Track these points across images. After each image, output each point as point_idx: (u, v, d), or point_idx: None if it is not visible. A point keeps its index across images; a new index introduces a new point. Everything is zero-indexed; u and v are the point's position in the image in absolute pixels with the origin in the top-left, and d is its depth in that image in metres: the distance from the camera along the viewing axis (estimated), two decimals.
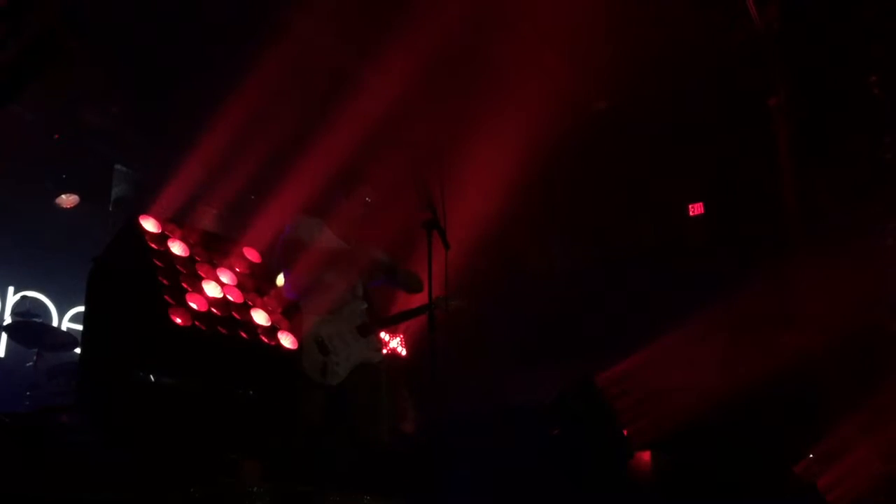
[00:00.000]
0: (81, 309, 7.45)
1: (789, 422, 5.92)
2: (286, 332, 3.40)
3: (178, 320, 3.05)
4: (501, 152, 6.43)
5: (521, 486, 5.39)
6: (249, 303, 3.38)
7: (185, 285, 3.19)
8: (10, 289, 7.08)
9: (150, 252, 3.19)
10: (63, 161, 7.21)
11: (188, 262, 3.30)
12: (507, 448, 5.62)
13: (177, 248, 3.31)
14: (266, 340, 3.31)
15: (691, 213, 7.16)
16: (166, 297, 3.09)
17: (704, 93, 6.96)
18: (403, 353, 7.37)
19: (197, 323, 3.10)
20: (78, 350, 6.84)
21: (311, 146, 5.61)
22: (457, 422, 5.42)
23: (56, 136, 6.86)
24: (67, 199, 7.16)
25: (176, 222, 3.42)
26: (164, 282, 3.13)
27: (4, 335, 6.83)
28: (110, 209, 7.54)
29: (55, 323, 7.26)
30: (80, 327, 7.31)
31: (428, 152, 5.92)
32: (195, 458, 3.00)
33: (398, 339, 7.38)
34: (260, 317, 3.37)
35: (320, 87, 5.79)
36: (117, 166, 7.54)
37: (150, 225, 3.30)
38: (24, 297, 7.07)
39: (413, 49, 5.68)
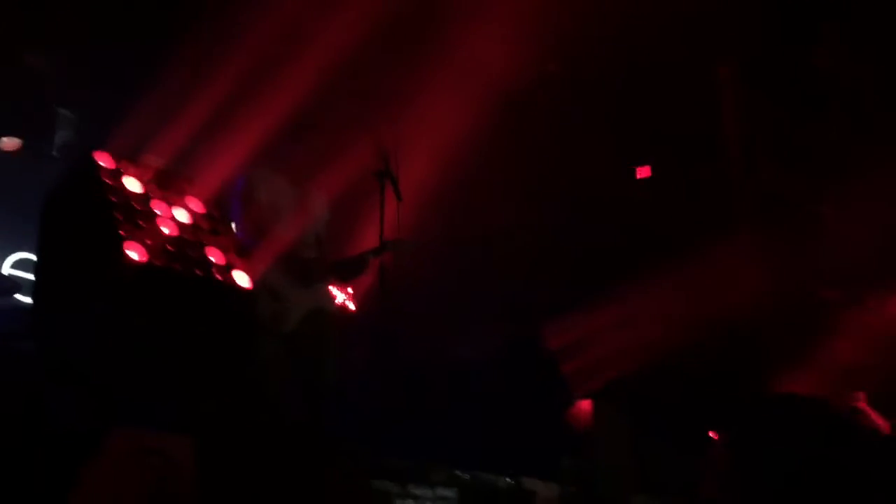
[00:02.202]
0: (23, 255, 7.31)
1: (728, 377, 6.14)
2: (241, 271, 3.42)
3: (134, 255, 3.05)
4: (454, 108, 6.46)
5: (465, 438, 5.52)
6: (204, 241, 3.39)
7: (140, 222, 3.18)
8: None
9: (104, 187, 3.17)
10: (3, 104, 7.02)
11: (143, 198, 3.30)
12: (452, 400, 5.74)
13: (132, 184, 3.29)
14: (220, 278, 3.34)
15: (638, 176, 7.31)
16: (121, 231, 3.08)
17: (656, 59, 7.06)
18: (352, 307, 7.40)
19: (152, 259, 3.11)
20: (19, 296, 6.73)
21: (263, 93, 5.58)
22: (405, 376, 5.51)
23: None
24: (9, 143, 6.98)
25: (130, 159, 3.40)
26: (119, 217, 3.12)
27: None
28: (54, 153, 7.37)
29: None
30: (22, 273, 7.18)
31: (381, 103, 5.93)
32: (147, 394, 3.03)
33: (347, 292, 7.39)
34: (215, 255, 3.38)
35: (272, 34, 5.74)
36: (61, 110, 7.36)
37: (104, 160, 3.28)
38: None
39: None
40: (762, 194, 7.21)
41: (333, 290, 7.08)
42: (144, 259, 3.08)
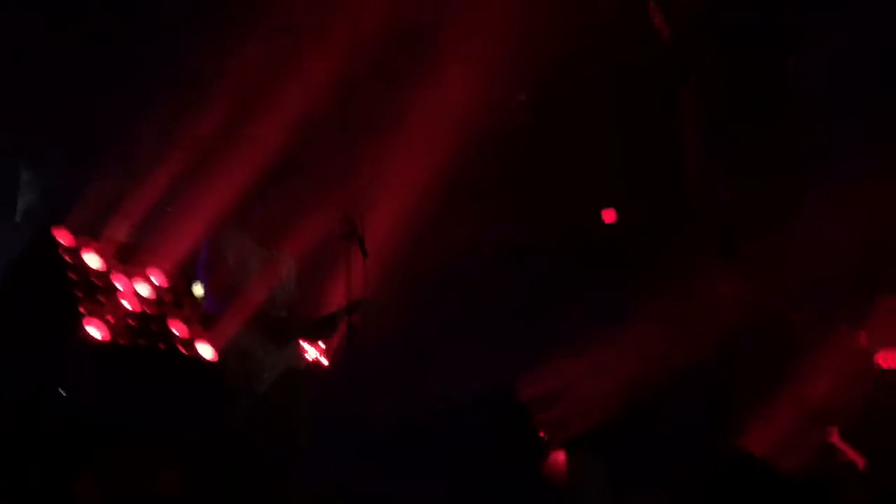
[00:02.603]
0: None
1: (705, 412, 6.14)
2: (205, 343, 3.41)
3: (96, 334, 3.04)
4: (423, 144, 6.49)
5: (440, 493, 5.49)
6: (167, 314, 3.38)
7: (101, 298, 3.17)
8: None
9: (63, 265, 3.16)
10: None
11: (104, 274, 3.28)
12: (425, 456, 5.71)
13: (92, 260, 3.28)
14: (184, 352, 3.32)
15: (605, 218, 7.34)
16: (81, 309, 3.07)
17: (615, 84, 7.12)
18: (325, 362, 7.35)
19: (114, 336, 3.09)
20: None
21: (225, 158, 5.61)
22: (377, 432, 5.51)
23: None
24: None
25: (91, 234, 3.39)
26: (79, 294, 3.11)
27: None
28: (17, 220, 7.32)
29: None
30: None
31: (348, 160, 5.98)
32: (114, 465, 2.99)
33: (319, 348, 7.35)
34: (178, 328, 3.37)
35: (235, 96, 5.79)
36: (24, 175, 7.32)
37: (63, 237, 3.27)
38: None
39: (334, 45, 5.74)
40: (725, 218, 7.23)
41: (305, 345, 7.07)
42: (107, 337, 3.06)
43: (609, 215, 7.23)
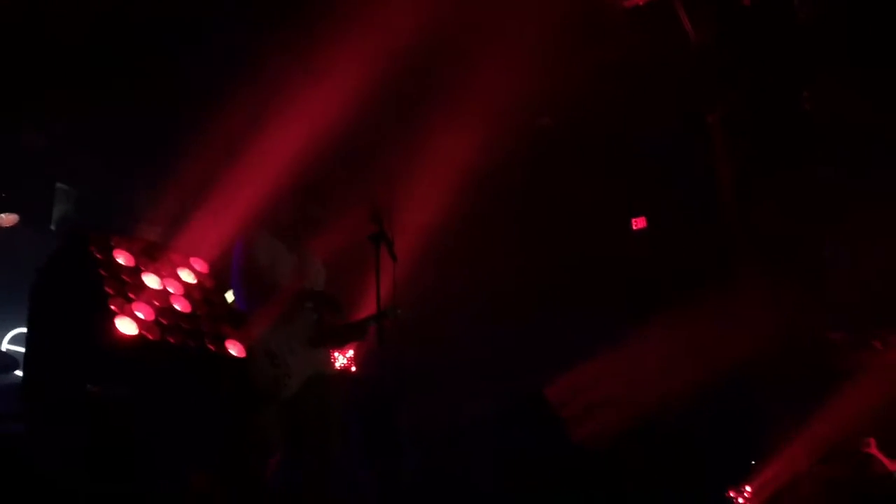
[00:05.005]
0: (22, 330, 7.32)
1: (731, 426, 6.07)
2: (233, 341, 3.41)
3: (126, 330, 3.04)
4: (448, 167, 6.51)
5: (477, 495, 5.46)
6: (197, 312, 3.38)
7: (131, 295, 3.18)
8: None
9: (94, 262, 3.18)
10: (2, 179, 7.12)
11: (134, 271, 3.30)
12: (461, 459, 5.69)
13: (122, 258, 3.30)
14: (213, 349, 3.32)
15: (634, 227, 7.32)
16: (112, 306, 3.07)
17: (647, 108, 7.11)
18: (353, 369, 7.36)
19: (144, 332, 3.10)
20: (19, 372, 6.72)
21: (258, 161, 5.64)
22: (411, 435, 5.48)
23: None
24: (6, 219, 7.06)
25: (121, 234, 3.41)
26: (110, 291, 3.12)
27: None
28: (52, 228, 7.43)
29: None
30: (20, 349, 7.18)
31: (376, 167, 6.00)
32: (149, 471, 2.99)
33: (348, 354, 7.36)
34: (207, 326, 3.37)
35: (264, 100, 5.83)
36: (59, 185, 7.45)
37: (94, 236, 3.29)
38: None
39: (360, 63, 5.76)
40: (759, 238, 7.20)
41: (335, 353, 7.05)
42: (136, 333, 3.07)
43: (639, 222, 7.20)
